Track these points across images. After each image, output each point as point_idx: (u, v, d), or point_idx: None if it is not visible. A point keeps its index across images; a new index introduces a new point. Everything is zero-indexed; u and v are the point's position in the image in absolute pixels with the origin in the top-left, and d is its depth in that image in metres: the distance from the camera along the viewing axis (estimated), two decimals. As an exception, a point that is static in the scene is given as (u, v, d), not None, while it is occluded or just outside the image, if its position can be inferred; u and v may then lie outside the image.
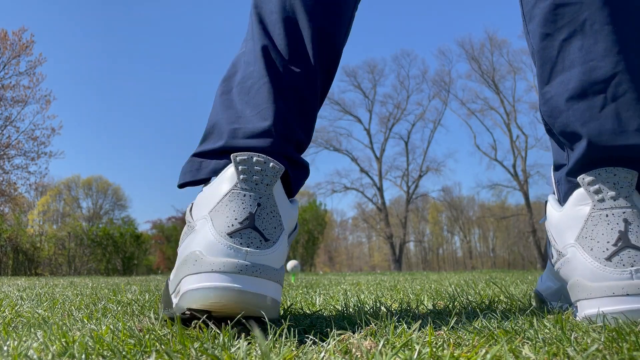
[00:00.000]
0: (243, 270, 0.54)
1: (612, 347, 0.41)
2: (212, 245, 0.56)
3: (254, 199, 0.58)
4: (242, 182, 0.59)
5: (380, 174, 24.15)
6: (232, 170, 0.60)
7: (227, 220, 0.57)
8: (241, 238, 0.56)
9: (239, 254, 0.55)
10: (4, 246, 12.77)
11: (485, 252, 34.40)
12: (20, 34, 15.62)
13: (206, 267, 0.54)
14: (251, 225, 0.57)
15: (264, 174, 0.59)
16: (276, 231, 0.58)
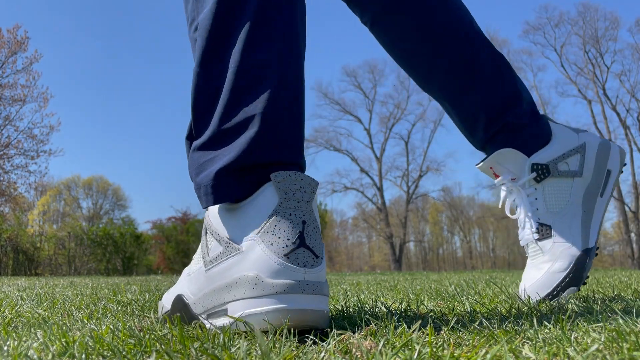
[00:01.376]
0: (305, 290, 0.56)
1: (612, 347, 0.41)
2: (271, 267, 0.56)
3: (299, 217, 0.58)
4: (286, 202, 0.58)
5: (380, 174, 24.16)
6: (272, 190, 0.59)
7: (280, 241, 0.57)
8: (297, 258, 0.57)
9: (298, 274, 0.56)
10: (4, 246, 12.77)
11: (485, 252, 34.42)
12: (14, 31, 15.61)
13: (269, 290, 0.55)
14: (303, 244, 0.57)
15: (303, 191, 0.59)
16: (320, 246, 0.59)
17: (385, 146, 24.57)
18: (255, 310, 0.55)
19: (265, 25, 0.64)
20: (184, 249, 14.65)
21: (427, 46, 0.94)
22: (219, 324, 0.58)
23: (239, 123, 0.61)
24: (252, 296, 0.56)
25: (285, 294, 0.55)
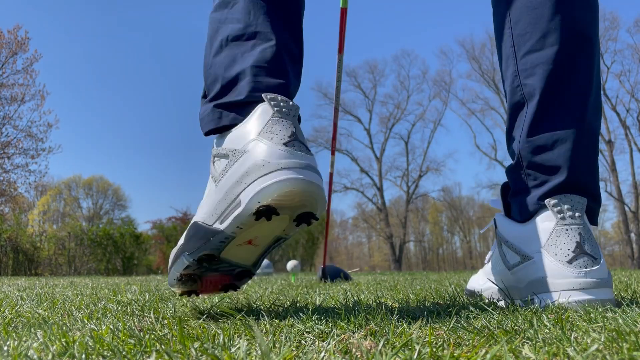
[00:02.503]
0: (306, 167, 0.66)
1: (612, 347, 0.41)
2: (275, 152, 0.66)
3: (290, 123, 0.69)
4: (277, 112, 0.69)
5: (380, 174, 24.16)
6: (264, 106, 0.70)
7: (278, 135, 0.67)
8: (294, 146, 0.67)
9: (298, 156, 0.66)
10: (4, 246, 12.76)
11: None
12: (15, 32, 15.60)
13: (275, 167, 0.64)
14: (297, 139, 0.68)
15: (289, 108, 0.70)
16: (308, 146, 0.70)
17: (385, 146, 24.59)
18: (267, 182, 0.63)
19: None
20: (184, 249, 14.65)
21: None
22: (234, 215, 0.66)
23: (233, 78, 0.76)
24: (263, 174, 0.64)
25: (291, 168, 0.65)
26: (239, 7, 0.82)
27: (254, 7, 0.81)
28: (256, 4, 0.81)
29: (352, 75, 24.97)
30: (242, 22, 0.80)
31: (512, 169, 0.90)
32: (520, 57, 0.87)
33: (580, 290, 0.75)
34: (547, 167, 0.84)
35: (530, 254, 0.81)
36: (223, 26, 0.82)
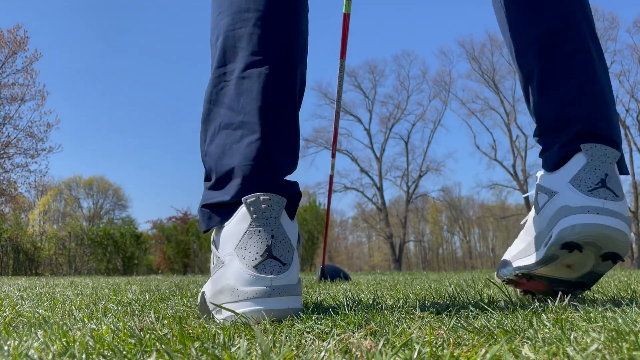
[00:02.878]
0: (271, 294, 0.70)
1: (611, 347, 0.41)
2: (242, 278, 0.71)
3: (268, 232, 0.72)
4: (255, 221, 0.73)
5: (380, 174, 24.15)
6: (244, 211, 0.73)
7: (250, 255, 0.72)
8: (264, 268, 0.71)
9: (265, 282, 0.70)
10: (4, 246, 12.76)
11: (485, 251, 34.39)
12: (15, 31, 15.57)
13: (242, 297, 0.70)
14: (270, 256, 0.72)
15: (271, 209, 0.73)
16: (289, 254, 0.74)
17: (385, 146, 24.58)
18: (236, 311, 0.69)
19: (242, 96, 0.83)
20: (184, 249, 14.64)
21: None
22: (220, 318, 0.72)
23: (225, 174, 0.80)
24: (231, 301, 0.71)
25: (255, 298, 0.70)
26: (229, 91, 0.83)
27: (244, 92, 0.82)
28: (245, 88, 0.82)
29: (352, 75, 24.97)
30: (231, 109, 0.82)
31: (537, 134, 0.96)
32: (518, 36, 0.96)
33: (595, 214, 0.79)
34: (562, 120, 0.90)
35: (557, 189, 0.87)
36: (214, 109, 0.85)
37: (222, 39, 0.85)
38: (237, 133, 0.81)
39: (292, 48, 0.85)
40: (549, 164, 0.92)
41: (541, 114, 0.94)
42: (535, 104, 0.94)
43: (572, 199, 0.83)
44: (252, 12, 0.84)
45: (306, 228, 14.87)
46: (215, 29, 0.88)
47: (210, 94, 0.86)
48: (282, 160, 0.82)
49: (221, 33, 0.86)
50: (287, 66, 0.84)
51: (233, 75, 0.83)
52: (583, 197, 0.82)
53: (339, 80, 1.44)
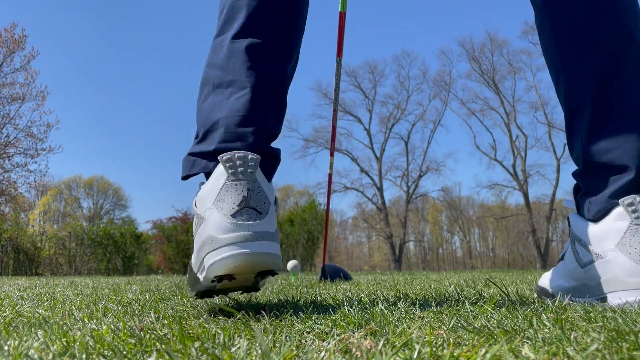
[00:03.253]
0: (249, 238, 0.72)
1: (611, 347, 0.41)
2: (221, 226, 0.73)
3: (244, 185, 0.75)
4: (232, 175, 0.76)
5: (380, 174, 24.15)
6: (221, 168, 0.76)
7: (227, 205, 0.74)
8: (242, 216, 0.74)
9: (242, 228, 0.73)
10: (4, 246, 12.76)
11: (485, 251, 34.39)
12: (12, 30, 15.55)
13: (221, 243, 0.72)
14: (247, 205, 0.74)
15: (246, 165, 0.76)
16: (265, 205, 0.76)
17: (385, 146, 24.58)
18: (216, 258, 0.72)
19: None
20: (184, 249, 14.64)
21: None
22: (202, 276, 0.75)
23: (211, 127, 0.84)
24: (211, 249, 0.73)
25: (232, 244, 0.72)
26: (222, 53, 0.89)
27: (235, 53, 0.87)
28: (237, 49, 0.87)
29: (352, 75, 24.98)
30: (223, 69, 0.87)
31: (579, 173, 0.92)
32: (569, 65, 0.90)
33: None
34: (614, 166, 0.85)
35: (603, 253, 0.82)
36: (209, 71, 0.90)
37: (226, 11, 0.92)
38: (227, 91, 0.86)
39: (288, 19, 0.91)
40: (590, 211, 0.87)
41: (589, 154, 0.88)
42: (584, 142, 0.88)
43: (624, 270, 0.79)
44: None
45: (306, 228, 14.88)
46: (221, 3, 0.94)
47: (208, 58, 0.91)
48: (266, 117, 0.85)
49: (225, 5, 0.92)
50: (281, 35, 0.90)
51: (227, 40, 0.89)
52: None
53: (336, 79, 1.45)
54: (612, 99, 0.86)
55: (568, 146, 0.95)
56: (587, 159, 0.88)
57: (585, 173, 0.90)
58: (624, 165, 0.84)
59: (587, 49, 0.88)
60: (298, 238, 14.86)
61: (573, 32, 0.90)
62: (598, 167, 0.87)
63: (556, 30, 0.92)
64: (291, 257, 13.90)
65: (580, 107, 0.89)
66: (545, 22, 0.94)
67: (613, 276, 0.80)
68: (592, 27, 0.88)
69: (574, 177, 0.94)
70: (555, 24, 0.93)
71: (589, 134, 0.88)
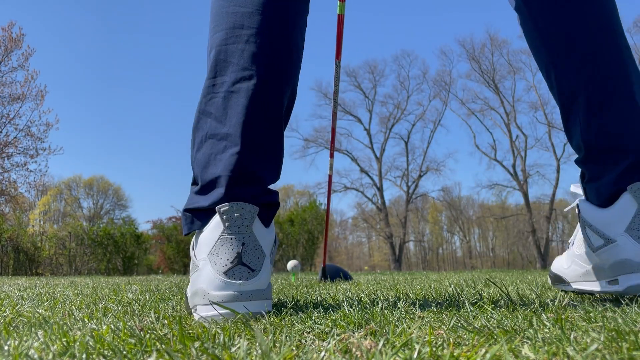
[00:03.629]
0: (239, 298, 0.75)
1: (611, 347, 0.41)
2: (213, 282, 0.76)
3: (239, 240, 0.77)
4: (227, 229, 0.77)
5: (380, 174, 24.14)
6: (217, 219, 0.78)
7: (221, 261, 0.76)
8: (234, 274, 0.76)
9: (233, 287, 0.75)
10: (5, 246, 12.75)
11: (485, 251, 34.38)
12: (9, 29, 15.54)
13: (212, 299, 0.75)
14: (240, 262, 0.76)
15: (243, 218, 0.78)
16: (259, 260, 0.78)
17: (385, 146, 24.56)
18: (205, 314, 0.74)
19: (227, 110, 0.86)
20: (184, 249, 14.64)
21: None
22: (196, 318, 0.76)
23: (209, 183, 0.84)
24: (202, 304, 0.76)
25: (224, 302, 0.74)
26: (216, 101, 0.86)
27: (230, 105, 0.85)
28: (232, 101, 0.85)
29: (352, 75, 24.97)
30: (217, 120, 0.86)
31: (582, 160, 0.93)
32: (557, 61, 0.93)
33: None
34: (615, 150, 0.87)
35: (614, 237, 0.86)
36: (203, 118, 0.88)
37: (215, 52, 0.88)
38: (222, 144, 0.85)
39: (283, 64, 0.88)
40: (597, 197, 0.90)
41: (589, 140, 0.90)
42: (583, 129, 0.90)
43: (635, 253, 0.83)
44: (246, 29, 0.87)
45: (306, 228, 14.88)
46: (210, 41, 0.91)
47: (200, 103, 0.89)
48: (262, 172, 0.85)
49: (214, 46, 0.89)
50: (276, 82, 0.87)
51: (222, 88, 0.87)
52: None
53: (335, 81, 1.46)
54: (605, 86, 0.89)
55: (567, 136, 0.97)
56: (588, 145, 0.90)
57: (588, 160, 0.92)
58: (625, 149, 0.87)
59: (573, 42, 0.91)
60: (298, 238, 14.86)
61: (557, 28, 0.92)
62: (599, 152, 0.89)
63: (540, 28, 0.94)
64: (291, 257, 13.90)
65: (574, 95, 0.91)
66: (528, 21, 0.96)
67: (624, 259, 0.84)
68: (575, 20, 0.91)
69: (577, 164, 0.96)
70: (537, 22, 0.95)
71: (587, 120, 0.90)
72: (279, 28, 0.89)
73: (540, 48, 0.95)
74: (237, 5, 0.89)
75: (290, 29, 0.90)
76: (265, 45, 0.87)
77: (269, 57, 0.87)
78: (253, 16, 0.87)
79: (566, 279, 1.08)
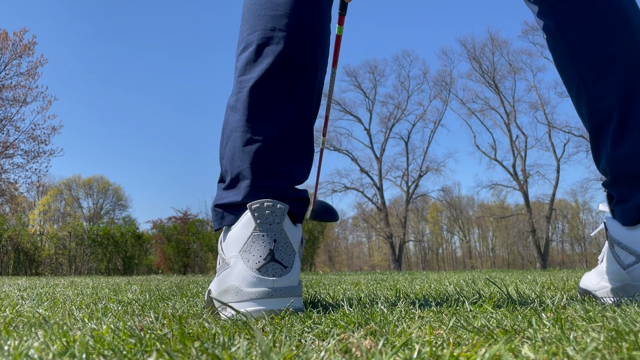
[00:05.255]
0: (273, 295, 0.76)
1: (611, 347, 0.41)
2: (246, 279, 0.76)
3: (271, 237, 0.78)
4: (259, 226, 0.78)
5: (380, 173, 24.14)
6: (249, 216, 0.79)
7: (254, 258, 0.77)
8: (267, 270, 0.77)
9: (267, 284, 0.76)
10: (5, 246, 12.75)
11: (484, 251, 34.38)
12: (21, 34, 15.60)
13: (245, 297, 0.76)
14: (272, 259, 0.77)
15: (274, 215, 0.78)
16: (291, 257, 0.79)
17: (385, 146, 24.56)
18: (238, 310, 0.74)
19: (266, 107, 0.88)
20: (184, 249, 14.63)
21: None
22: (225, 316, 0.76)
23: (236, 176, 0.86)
24: (236, 301, 0.76)
25: (257, 299, 0.75)
26: (246, 98, 0.88)
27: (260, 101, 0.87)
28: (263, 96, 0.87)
29: (352, 75, 24.96)
30: (246, 115, 0.87)
31: (609, 183, 0.95)
32: (589, 84, 0.94)
33: None
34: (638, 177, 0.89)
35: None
36: (232, 114, 0.90)
37: (248, 52, 0.91)
38: (247, 136, 0.86)
39: (313, 63, 0.91)
40: (626, 218, 0.91)
41: (615, 164, 0.92)
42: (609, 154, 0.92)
43: None
44: (277, 32, 0.90)
45: (306, 228, 14.88)
46: (242, 42, 0.93)
47: (230, 100, 0.92)
48: (289, 168, 0.87)
49: (248, 46, 0.92)
50: (306, 81, 0.90)
51: (250, 84, 0.88)
52: None
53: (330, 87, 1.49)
54: (635, 111, 0.90)
55: (594, 159, 0.98)
56: (614, 169, 0.92)
57: (614, 183, 0.94)
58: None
59: (607, 67, 0.92)
60: (298, 238, 14.85)
61: (590, 52, 0.94)
62: (625, 176, 0.91)
63: (573, 51, 0.95)
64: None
65: (605, 121, 0.93)
66: (560, 44, 0.97)
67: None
68: (608, 45, 0.92)
69: (605, 187, 0.98)
70: (570, 46, 0.96)
71: (613, 145, 0.92)
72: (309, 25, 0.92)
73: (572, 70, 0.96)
74: (268, 8, 0.91)
75: (319, 25, 0.93)
76: (297, 44, 0.90)
77: (300, 56, 0.90)
78: (282, 19, 0.90)
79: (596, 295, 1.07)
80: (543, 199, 23.46)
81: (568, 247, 33.04)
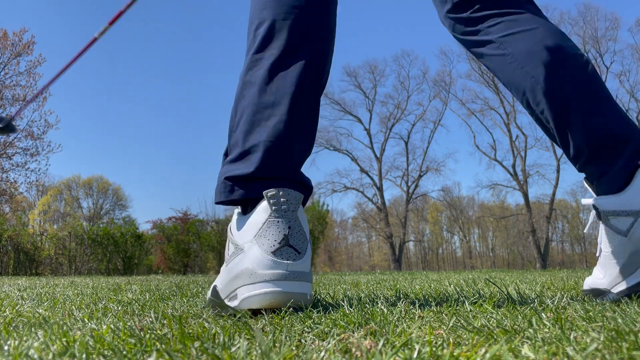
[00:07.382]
0: (287, 277, 0.76)
1: (611, 347, 0.41)
2: (262, 262, 0.77)
3: (285, 223, 0.79)
4: (275, 212, 0.79)
5: (380, 174, 24.14)
6: (265, 204, 0.80)
7: (269, 242, 0.78)
8: (282, 254, 0.77)
9: (282, 266, 0.77)
10: (5, 246, 12.75)
11: (484, 251, 34.38)
12: (21, 34, 15.62)
13: (260, 279, 0.76)
14: (287, 244, 0.78)
15: (289, 203, 0.80)
16: (304, 244, 0.80)
17: (385, 146, 24.57)
18: (252, 292, 0.75)
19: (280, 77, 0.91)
20: (184, 249, 14.63)
21: None
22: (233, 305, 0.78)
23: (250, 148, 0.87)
24: (249, 283, 0.76)
25: (271, 281, 0.75)
26: (264, 74, 0.90)
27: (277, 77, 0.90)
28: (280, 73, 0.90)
29: (352, 75, 24.98)
30: (264, 91, 0.90)
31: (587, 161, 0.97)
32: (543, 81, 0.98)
33: None
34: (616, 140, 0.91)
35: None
36: (247, 89, 0.92)
37: (264, 29, 0.93)
38: (267, 112, 0.88)
39: (326, 43, 0.95)
40: (612, 186, 0.92)
41: (594, 130, 0.93)
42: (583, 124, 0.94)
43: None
44: (294, 9, 0.93)
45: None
46: (257, 19, 0.95)
47: (245, 75, 0.93)
48: (300, 144, 0.90)
49: (263, 23, 0.94)
50: (320, 60, 0.94)
51: (269, 61, 0.91)
52: None
53: None
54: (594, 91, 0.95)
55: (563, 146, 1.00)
56: (590, 140, 0.94)
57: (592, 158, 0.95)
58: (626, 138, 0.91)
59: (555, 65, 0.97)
60: (298, 238, 14.83)
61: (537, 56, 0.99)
62: (603, 142, 0.93)
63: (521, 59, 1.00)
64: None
65: (568, 101, 0.96)
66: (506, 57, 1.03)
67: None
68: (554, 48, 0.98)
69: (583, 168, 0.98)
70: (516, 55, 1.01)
71: (585, 117, 0.94)
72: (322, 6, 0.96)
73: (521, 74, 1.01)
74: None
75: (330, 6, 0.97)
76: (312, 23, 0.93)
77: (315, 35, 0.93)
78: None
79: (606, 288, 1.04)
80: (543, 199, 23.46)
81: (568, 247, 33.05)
